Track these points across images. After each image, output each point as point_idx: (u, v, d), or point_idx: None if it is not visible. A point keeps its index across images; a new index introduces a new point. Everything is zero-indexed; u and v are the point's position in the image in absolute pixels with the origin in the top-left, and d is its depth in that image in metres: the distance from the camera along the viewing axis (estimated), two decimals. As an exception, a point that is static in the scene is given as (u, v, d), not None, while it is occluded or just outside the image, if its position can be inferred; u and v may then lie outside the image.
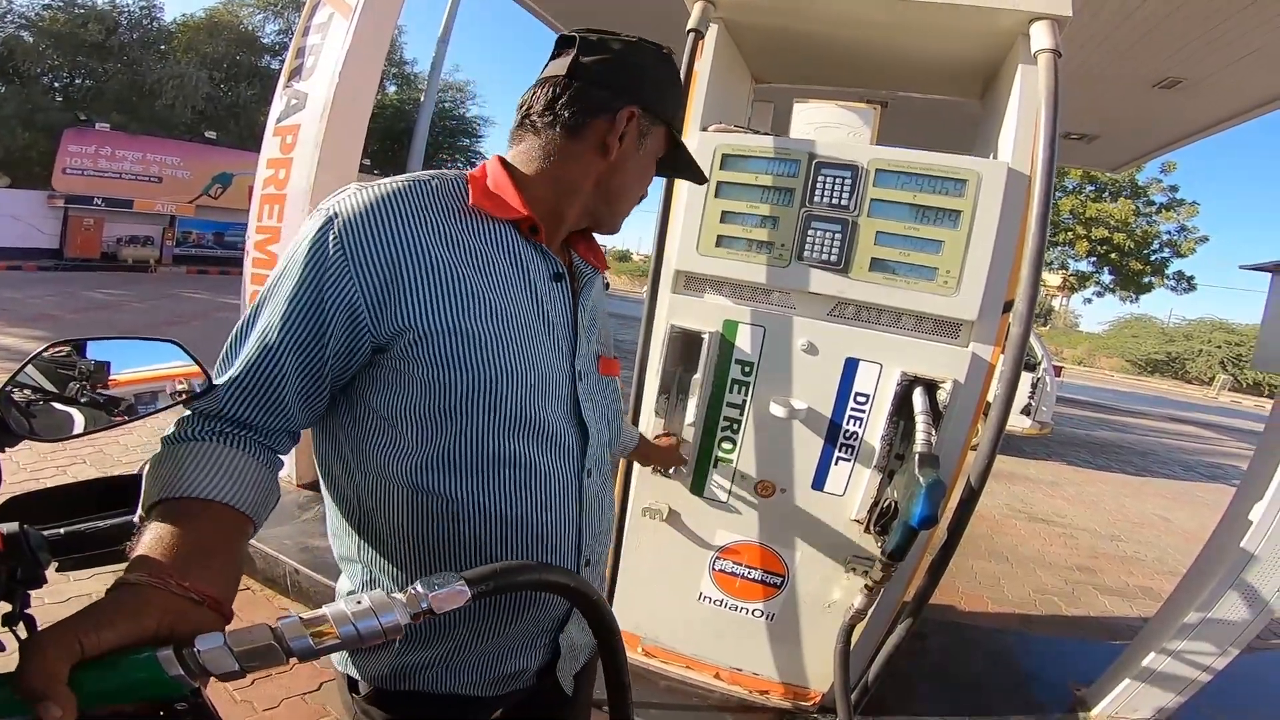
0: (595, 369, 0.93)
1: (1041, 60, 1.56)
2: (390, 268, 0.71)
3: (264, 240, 3.53)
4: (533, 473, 0.80)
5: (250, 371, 0.72)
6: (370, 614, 0.53)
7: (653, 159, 0.90)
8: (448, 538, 0.79)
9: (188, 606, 0.53)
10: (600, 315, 0.98)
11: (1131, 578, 4.33)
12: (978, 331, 1.68)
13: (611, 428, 0.98)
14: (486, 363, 0.75)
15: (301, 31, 3.67)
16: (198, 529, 0.61)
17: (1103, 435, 10.80)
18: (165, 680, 0.48)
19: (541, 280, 0.83)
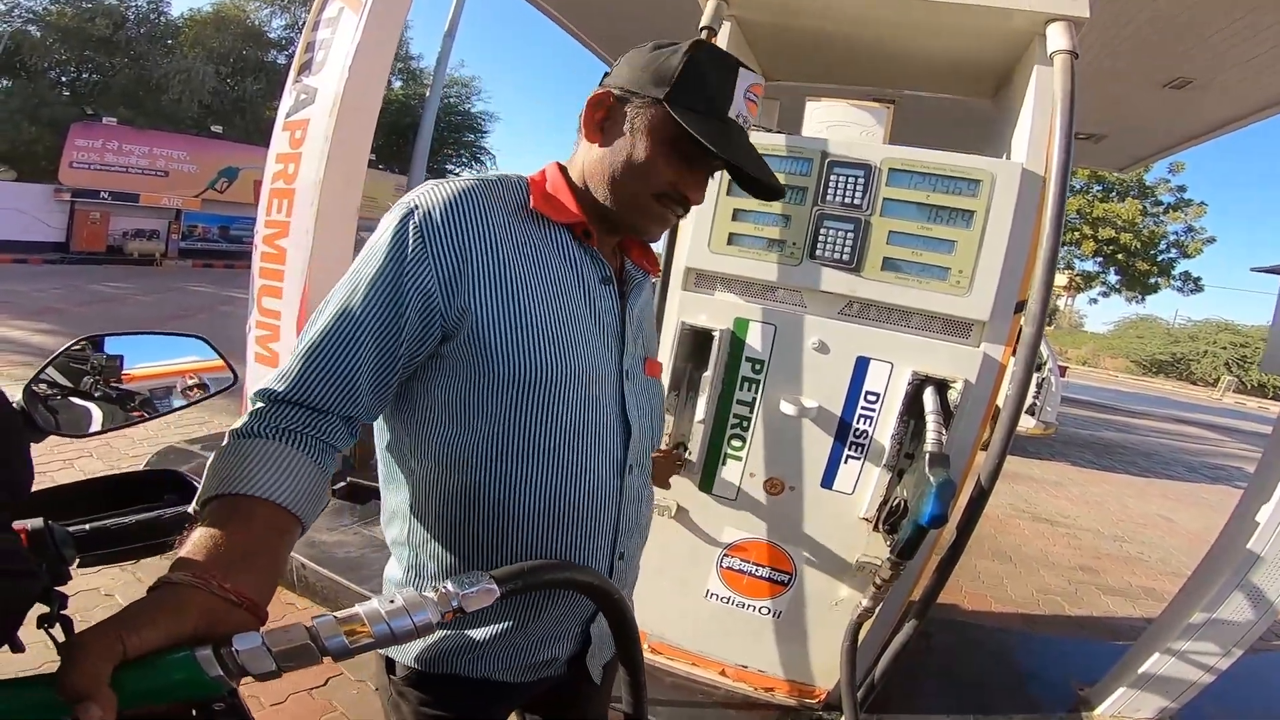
0: (642, 369, 0.95)
1: (1058, 61, 1.56)
2: (461, 257, 0.75)
3: (273, 235, 3.53)
4: (578, 466, 0.83)
5: (328, 349, 0.74)
6: (403, 613, 0.54)
7: (648, 137, 0.81)
8: (494, 525, 0.82)
9: (227, 608, 0.54)
10: (648, 318, 1.00)
11: (1134, 578, 4.33)
12: (989, 332, 1.69)
13: (655, 427, 0.99)
14: (539, 356, 0.78)
15: (311, 26, 3.67)
16: (247, 529, 0.62)
17: (1107, 436, 10.78)
18: (204, 680, 0.48)
19: (593, 283, 0.86)
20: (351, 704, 2.07)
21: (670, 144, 0.81)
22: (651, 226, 0.88)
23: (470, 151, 26.76)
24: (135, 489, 0.93)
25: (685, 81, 0.80)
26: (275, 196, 3.54)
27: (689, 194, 0.84)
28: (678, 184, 0.83)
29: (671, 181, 0.83)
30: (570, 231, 0.85)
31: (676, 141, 0.81)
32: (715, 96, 0.81)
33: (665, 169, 0.82)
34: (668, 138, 0.81)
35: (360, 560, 2.80)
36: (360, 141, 3.55)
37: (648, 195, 0.84)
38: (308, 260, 3.36)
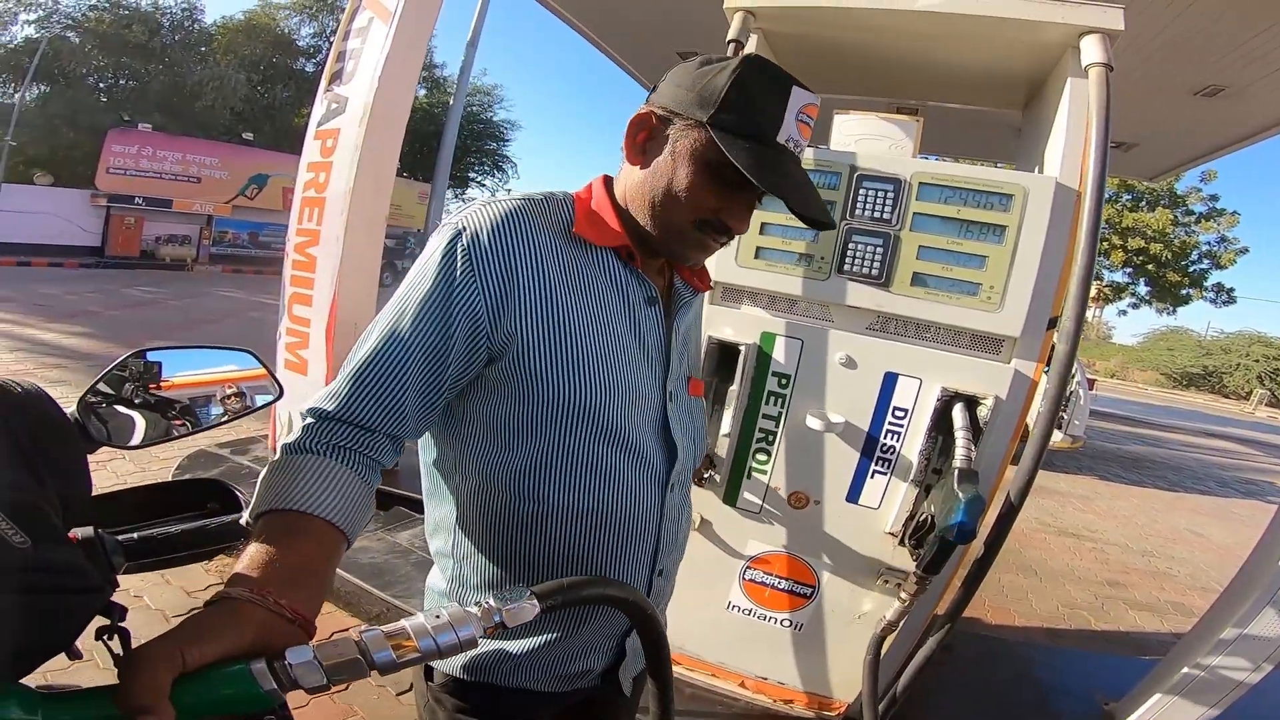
0: (686, 390, 0.93)
1: (1093, 74, 1.55)
2: (508, 280, 0.75)
3: (304, 243, 3.59)
4: (620, 485, 0.84)
5: (376, 370, 0.75)
6: (448, 628, 0.55)
7: (691, 162, 0.78)
8: (535, 542, 0.83)
9: (281, 623, 0.55)
10: (694, 336, 0.99)
11: (1163, 593, 4.25)
12: (1021, 348, 1.67)
13: (697, 446, 0.97)
14: (582, 379, 0.79)
15: (342, 35, 3.73)
16: (298, 545, 0.63)
17: (1136, 449, 10.57)
18: (257, 694, 0.49)
19: (638, 303, 0.86)
20: (373, 708, 2.09)
21: (713, 170, 0.77)
22: (691, 253, 0.85)
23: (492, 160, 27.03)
24: (178, 497, 0.95)
25: (731, 103, 0.76)
26: (306, 205, 3.60)
27: (731, 223, 0.81)
28: (720, 212, 0.80)
29: (714, 209, 0.79)
30: (615, 252, 0.84)
31: (720, 168, 0.77)
32: (763, 121, 0.76)
33: (707, 196, 0.79)
34: (711, 163, 0.77)
35: (384, 566, 2.84)
36: (389, 150, 3.61)
37: (688, 222, 0.80)
38: (337, 268, 3.42)
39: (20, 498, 0.49)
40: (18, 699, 0.44)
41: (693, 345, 0.99)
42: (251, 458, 3.93)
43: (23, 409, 0.58)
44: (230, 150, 18.54)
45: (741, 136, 0.75)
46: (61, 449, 0.62)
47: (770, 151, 0.76)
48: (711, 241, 0.83)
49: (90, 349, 6.95)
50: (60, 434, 0.64)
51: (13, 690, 0.45)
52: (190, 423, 1.04)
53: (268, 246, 18.89)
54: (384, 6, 3.46)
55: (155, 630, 0.49)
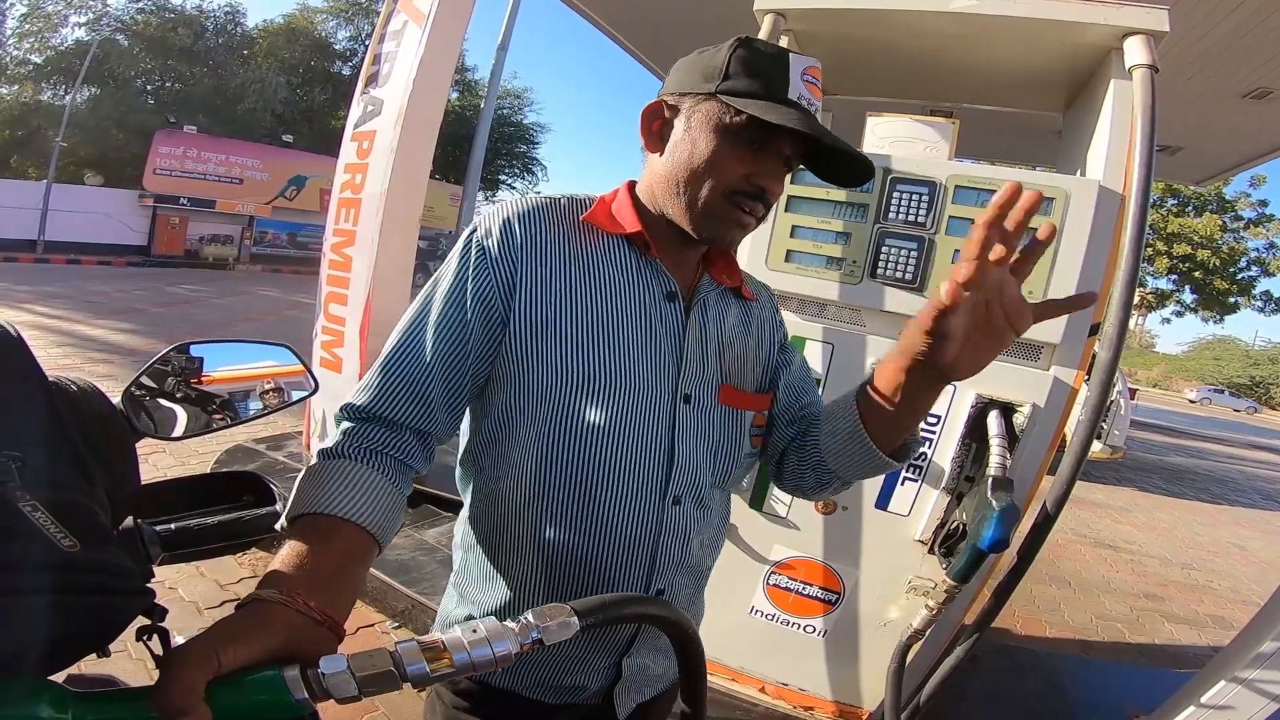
0: (712, 395, 0.87)
1: (1137, 76, 1.51)
2: (514, 266, 0.78)
3: (340, 243, 3.65)
4: (609, 488, 0.80)
5: (402, 358, 0.78)
6: (485, 643, 0.54)
7: (706, 132, 0.77)
8: (524, 537, 0.83)
9: (310, 625, 0.55)
10: (736, 339, 0.91)
11: (1201, 606, 4.14)
12: (1060, 355, 1.63)
13: (719, 460, 0.88)
14: (567, 365, 0.78)
15: (377, 39, 3.78)
16: (329, 549, 0.64)
17: (1177, 461, 10.27)
18: (290, 702, 0.48)
19: (654, 298, 0.83)
20: (394, 704, 2.09)
21: (731, 133, 0.75)
22: (726, 230, 0.79)
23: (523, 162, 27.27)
24: (213, 489, 0.96)
25: (734, 71, 0.75)
26: (343, 206, 3.66)
27: (763, 184, 0.77)
28: (751, 176, 0.76)
29: (743, 174, 0.76)
30: (629, 244, 0.84)
31: (736, 130, 0.75)
32: (769, 80, 0.75)
33: (732, 161, 0.76)
34: (727, 127, 0.75)
35: (410, 563, 2.88)
36: (423, 152, 3.65)
37: (718, 195, 0.77)
38: (372, 268, 3.47)
39: (70, 498, 0.49)
40: (49, 696, 0.44)
41: (736, 350, 0.91)
42: (286, 453, 4.02)
43: (77, 407, 0.59)
44: (271, 152, 19.03)
45: (751, 96, 0.74)
46: (113, 445, 0.63)
47: (783, 106, 0.74)
48: (745, 213, 0.78)
49: (136, 345, 7.18)
50: (112, 430, 0.65)
51: (45, 687, 0.45)
52: (229, 416, 1.06)
53: (305, 247, 19.35)
54: (418, 9, 3.51)
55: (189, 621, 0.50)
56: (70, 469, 0.51)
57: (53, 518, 0.46)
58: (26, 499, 0.45)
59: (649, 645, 0.89)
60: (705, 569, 0.95)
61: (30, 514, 0.45)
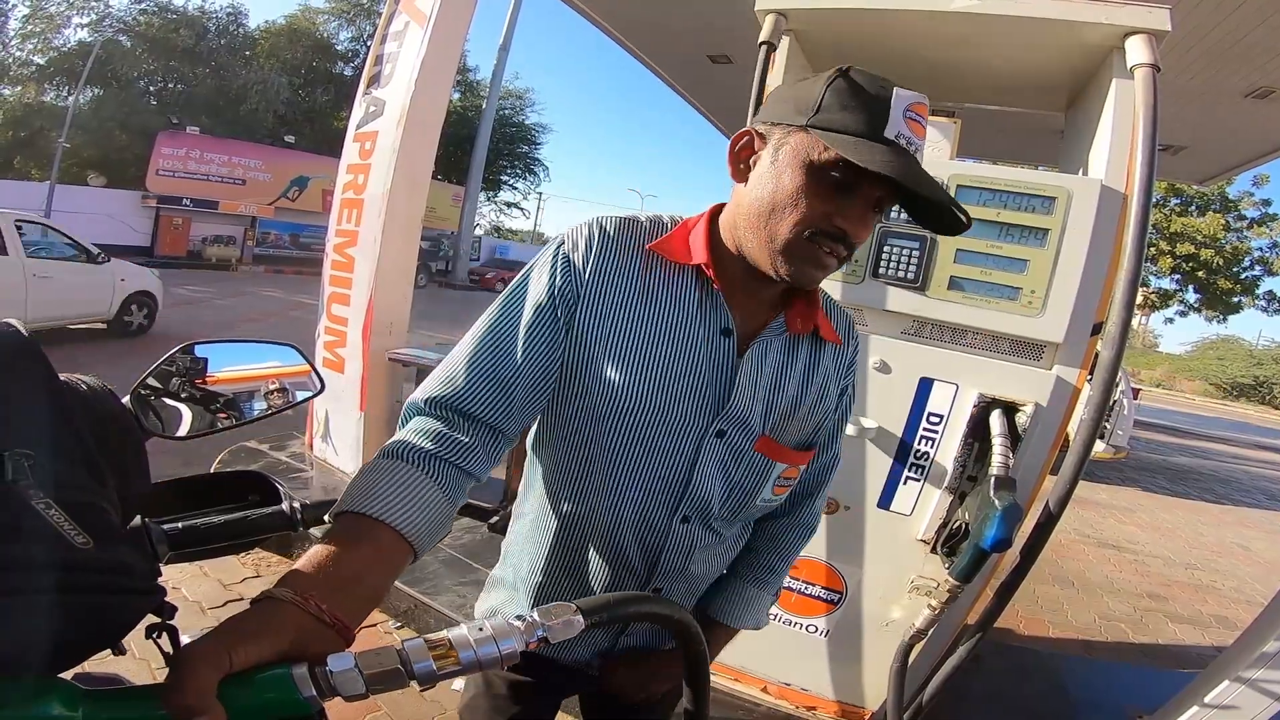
0: (749, 439, 0.86)
1: (1139, 75, 1.50)
2: (583, 280, 0.81)
3: (343, 243, 3.66)
4: (625, 495, 0.85)
5: (491, 354, 0.80)
6: (491, 641, 0.54)
7: (793, 167, 0.73)
8: (552, 524, 0.91)
9: (318, 627, 0.55)
10: (795, 391, 0.88)
11: (1205, 606, 4.13)
12: (1063, 354, 1.63)
13: (734, 497, 0.89)
14: (612, 384, 0.82)
15: (379, 39, 3.79)
16: (359, 552, 0.63)
17: (1181, 461, 10.25)
18: (297, 700, 0.49)
19: (710, 331, 0.83)
20: (395, 704, 2.09)
21: (818, 171, 0.72)
22: (803, 271, 0.76)
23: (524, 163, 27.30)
24: (219, 489, 0.95)
25: (830, 104, 0.72)
26: (345, 206, 3.68)
27: (845, 226, 0.73)
28: (832, 216, 0.73)
29: (825, 214, 0.73)
30: (699, 275, 0.83)
31: (826, 168, 0.71)
32: (868, 116, 0.71)
33: (816, 200, 0.73)
34: (814, 164, 0.72)
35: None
36: (425, 153, 3.65)
37: (798, 233, 0.74)
38: (374, 269, 3.48)
39: (83, 497, 0.49)
40: (60, 695, 0.44)
41: (794, 404, 0.88)
42: (289, 453, 4.01)
43: (88, 406, 0.59)
44: (273, 153, 19.09)
45: (844, 132, 0.70)
46: (124, 444, 0.63)
47: (879, 145, 0.70)
48: (825, 254, 0.75)
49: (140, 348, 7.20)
50: (123, 429, 0.65)
51: (55, 685, 0.45)
52: (235, 416, 1.06)
53: (308, 248, 19.38)
54: (419, 10, 3.52)
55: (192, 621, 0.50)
56: (82, 468, 0.51)
57: (66, 516, 0.46)
58: (40, 497, 0.45)
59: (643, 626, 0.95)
60: (705, 580, 0.97)
61: (44, 512, 0.45)
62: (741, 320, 0.84)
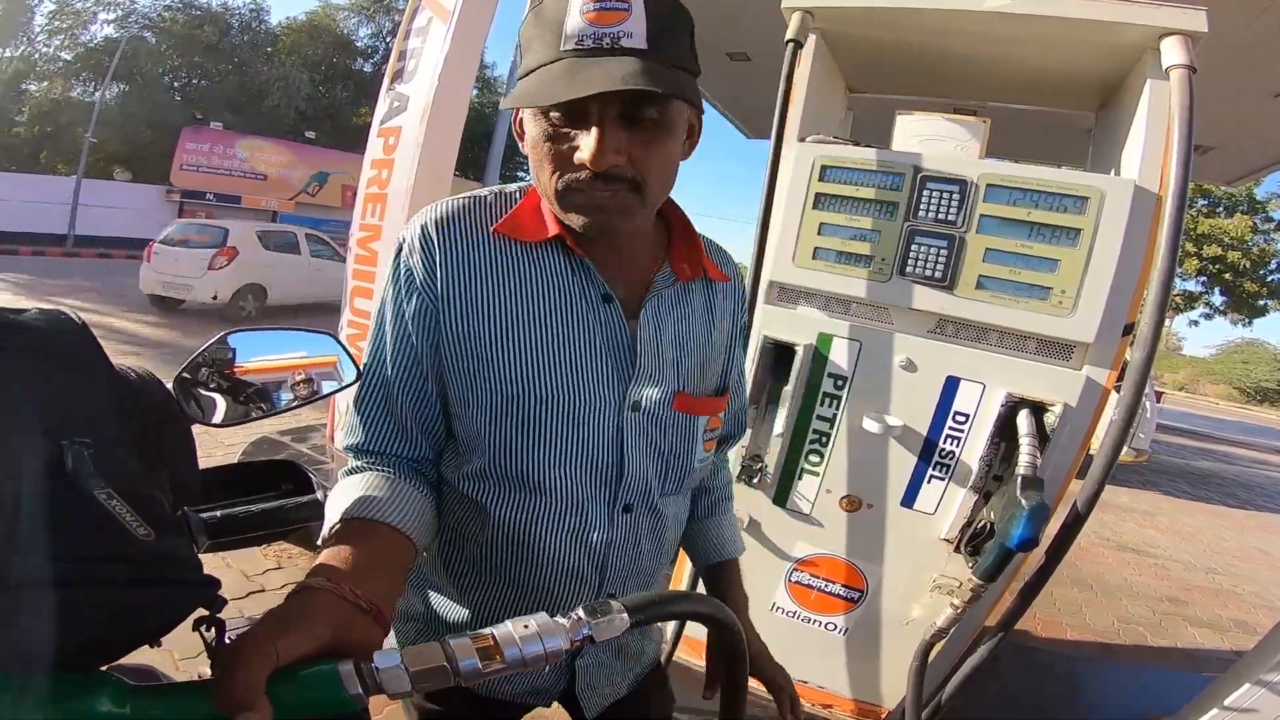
0: (665, 402, 0.81)
1: (1175, 76, 1.49)
2: (433, 280, 0.75)
3: (366, 238, 3.70)
4: (556, 497, 0.78)
5: (369, 394, 0.80)
6: (536, 638, 0.53)
7: (530, 123, 0.70)
8: (481, 547, 0.82)
9: (357, 614, 0.55)
10: (699, 338, 0.84)
11: (1225, 610, 4.08)
12: (1093, 354, 1.62)
13: (671, 468, 0.85)
14: (502, 379, 0.75)
15: (403, 35, 3.80)
16: (369, 546, 0.65)
17: (1204, 465, 10.08)
18: (343, 697, 0.48)
19: (589, 303, 0.77)
20: None
21: (544, 115, 0.68)
22: (588, 217, 0.70)
23: (541, 158, 27.29)
24: (252, 478, 0.97)
25: (526, 43, 0.68)
26: (369, 201, 3.71)
27: (585, 159, 0.66)
28: (571, 155, 0.67)
29: (561, 154, 0.68)
30: (557, 247, 0.77)
31: (536, 114, 0.68)
32: (548, 39, 0.65)
33: (548, 144, 0.68)
34: (538, 111, 0.68)
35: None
36: (448, 148, 3.66)
37: (554, 183, 0.69)
38: (398, 263, 3.50)
39: (141, 487, 0.49)
40: (109, 690, 0.44)
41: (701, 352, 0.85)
42: (310, 445, 4.07)
43: (138, 396, 0.59)
44: (294, 148, 19.28)
45: (530, 73, 0.67)
46: (172, 433, 0.62)
47: (554, 65, 0.64)
48: (593, 193, 0.68)
49: (165, 338, 7.33)
50: (172, 419, 0.65)
51: (104, 681, 0.44)
52: (265, 405, 1.08)
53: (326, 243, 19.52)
54: (443, 6, 3.52)
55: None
56: (138, 458, 0.51)
57: (128, 507, 0.45)
58: (101, 487, 0.44)
59: (601, 646, 0.86)
60: (657, 574, 0.92)
61: (106, 503, 0.44)
62: (625, 282, 0.79)
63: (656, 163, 0.69)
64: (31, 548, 0.40)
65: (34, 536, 0.40)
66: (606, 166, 0.66)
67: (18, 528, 0.40)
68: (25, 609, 0.40)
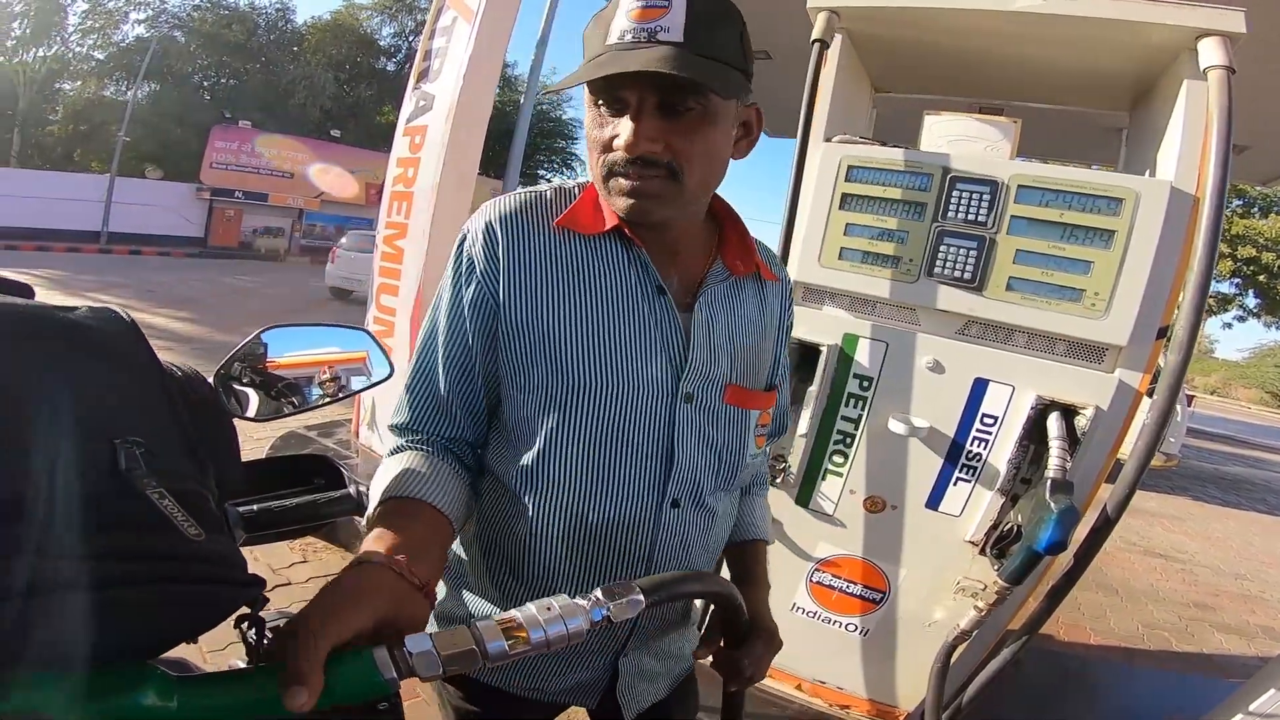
0: (717, 395, 0.82)
1: (1213, 77, 1.47)
2: (496, 271, 0.77)
3: (392, 235, 3.75)
4: (603, 489, 0.79)
5: (418, 376, 0.83)
6: (559, 619, 0.55)
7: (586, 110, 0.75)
8: (524, 540, 0.82)
9: (409, 591, 0.57)
10: (752, 333, 0.86)
11: (1253, 616, 4.01)
12: (1126, 357, 1.60)
13: (723, 462, 0.85)
14: (558, 368, 0.77)
15: (428, 34, 3.84)
16: (415, 526, 0.68)
17: (1234, 470, 9.88)
18: (378, 681, 0.48)
19: (644, 294, 0.79)
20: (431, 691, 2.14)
21: (591, 105, 0.73)
22: (626, 204, 0.73)
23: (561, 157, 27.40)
24: (285, 472, 0.99)
25: (586, 39, 0.74)
26: (395, 199, 3.76)
27: (619, 145, 0.70)
28: (612, 140, 0.72)
29: (604, 140, 0.72)
30: (615, 239, 0.79)
31: (594, 100, 0.73)
32: (596, 40, 0.71)
33: (596, 132, 0.73)
34: (589, 102, 0.74)
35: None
36: (473, 146, 3.69)
37: (599, 168, 0.74)
38: (423, 261, 3.55)
39: (190, 485, 0.48)
40: (155, 683, 0.44)
41: (754, 345, 0.86)
42: (336, 440, 4.10)
43: (185, 392, 0.58)
44: (319, 146, 19.55)
45: (588, 61, 0.71)
46: (218, 430, 0.62)
47: (599, 58, 0.69)
48: (619, 173, 0.72)
49: (194, 333, 7.48)
50: (217, 415, 0.64)
51: (149, 674, 0.44)
52: (297, 401, 1.07)
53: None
54: (467, 6, 3.55)
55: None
56: (187, 456, 0.51)
57: (179, 506, 0.45)
58: (154, 486, 0.44)
59: (645, 646, 0.88)
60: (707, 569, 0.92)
61: (159, 502, 0.44)
62: (678, 276, 0.81)
63: (696, 152, 0.71)
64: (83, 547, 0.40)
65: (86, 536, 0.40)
66: (640, 152, 0.69)
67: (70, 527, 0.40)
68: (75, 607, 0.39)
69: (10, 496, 0.38)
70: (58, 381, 0.42)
